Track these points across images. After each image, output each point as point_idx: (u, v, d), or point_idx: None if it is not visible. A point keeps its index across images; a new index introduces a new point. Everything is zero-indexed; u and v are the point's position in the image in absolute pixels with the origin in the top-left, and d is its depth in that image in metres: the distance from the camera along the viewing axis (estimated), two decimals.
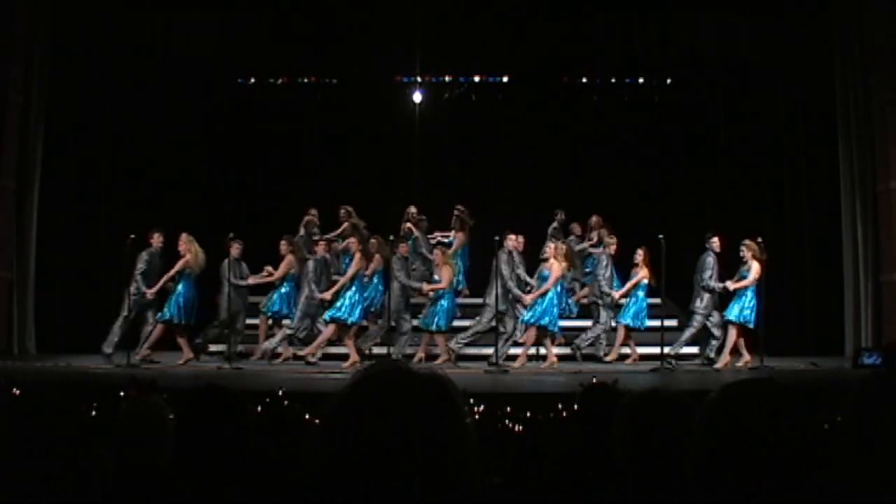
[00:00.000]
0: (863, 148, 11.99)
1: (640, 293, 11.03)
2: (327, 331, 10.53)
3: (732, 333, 10.41)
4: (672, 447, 2.25)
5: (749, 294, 10.37)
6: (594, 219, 12.39)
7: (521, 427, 5.91)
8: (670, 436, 2.27)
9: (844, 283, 12.11)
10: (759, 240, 10.48)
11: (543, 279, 10.63)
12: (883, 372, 2.04)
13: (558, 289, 10.76)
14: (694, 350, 11.31)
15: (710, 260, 10.49)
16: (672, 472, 2.25)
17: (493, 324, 10.60)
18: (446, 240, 12.19)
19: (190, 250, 10.44)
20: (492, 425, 5.90)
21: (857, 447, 1.79)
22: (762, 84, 13.06)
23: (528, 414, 6.13)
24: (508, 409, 6.29)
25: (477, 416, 6.01)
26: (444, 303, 10.71)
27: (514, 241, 10.76)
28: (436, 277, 10.89)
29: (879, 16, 11.69)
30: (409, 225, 12.11)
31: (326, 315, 10.55)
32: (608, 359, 11.00)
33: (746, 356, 10.51)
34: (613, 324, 11.25)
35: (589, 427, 3.21)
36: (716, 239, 10.59)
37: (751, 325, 10.34)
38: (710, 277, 10.42)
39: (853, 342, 11.73)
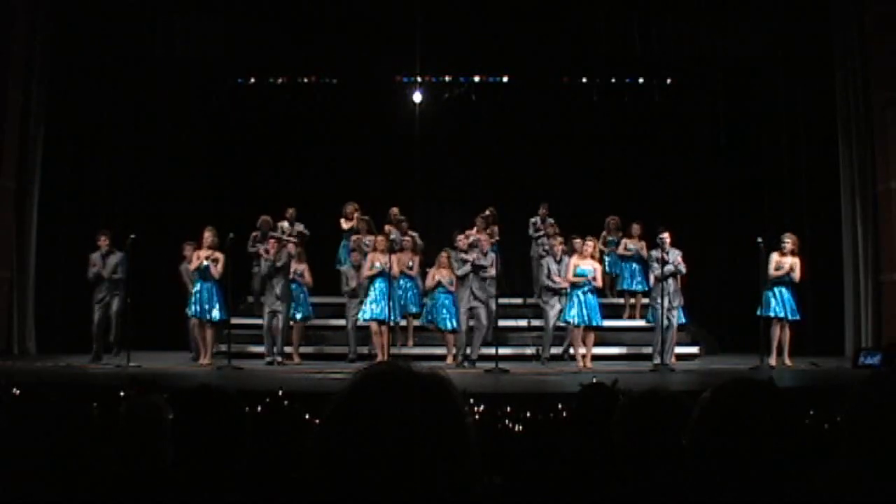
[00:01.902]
0: (863, 148, 11.98)
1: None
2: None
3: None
4: (671, 447, 2.26)
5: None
6: (612, 220, 12.42)
7: (521, 427, 5.91)
8: (669, 436, 2.27)
9: (844, 283, 12.10)
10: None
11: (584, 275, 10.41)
12: (883, 372, 2.04)
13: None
14: (694, 350, 11.33)
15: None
16: (671, 471, 2.25)
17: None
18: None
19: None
20: (492, 425, 5.90)
21: (856, 447, 1.79)
22: (762, 84, 13.06)
23: (528, 414, 6.13)
24: (508, 409, 6.29)
25: (477, 416, 6.01)
26: (448, 302, 10.68)
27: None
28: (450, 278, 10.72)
29: (879, 16, 11.69)
30: (388, 226, 12.15)
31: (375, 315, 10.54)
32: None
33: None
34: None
35: (589, 427, 3.21)
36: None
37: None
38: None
39: (853, 342, 11.73)
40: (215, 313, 10.47)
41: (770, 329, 10.34)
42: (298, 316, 10.99)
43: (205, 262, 10.43)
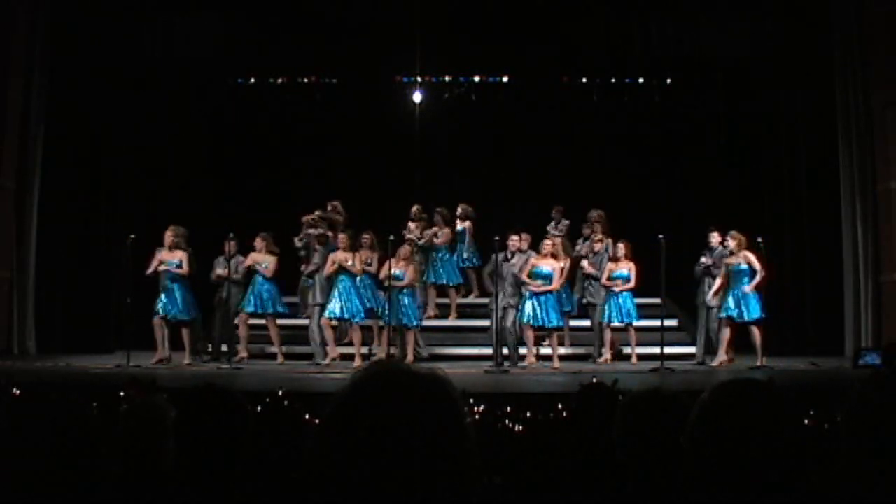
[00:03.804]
0: (863, 148, 11.98)
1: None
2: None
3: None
4: (672, 447, 2.26)
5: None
6: (594, 213, 12.34)
7: (521, 427, 5.91)
8: (670, 436, 2.27)
9: (844, 283, 12.09)
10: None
11: (541, 276, 10.52)
12: (883, 372, 2.04)
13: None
14: (694, 350, 11.31)
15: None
16: (672, 471, 2.25)
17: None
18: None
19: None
20: (492, 425, 5.90)
21: (857, 447, 1.79)
22: (762, 84, 13.05)
23: (528, 414, 6.13)
24: (508, 409, 6.29)
25: (477, 416, 6.01)
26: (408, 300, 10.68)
27: (515, 242, 10.68)
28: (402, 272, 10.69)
29: (879, 16, 11.70)
30: (411, 223, 12.16)
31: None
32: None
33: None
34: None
35: (589, 427, 3.21)
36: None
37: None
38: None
39: (853, 342, 11.72)
40: (187, 314, 10.60)
41: (720, 329, 10.57)
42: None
43: (173, 263, 10.48)
